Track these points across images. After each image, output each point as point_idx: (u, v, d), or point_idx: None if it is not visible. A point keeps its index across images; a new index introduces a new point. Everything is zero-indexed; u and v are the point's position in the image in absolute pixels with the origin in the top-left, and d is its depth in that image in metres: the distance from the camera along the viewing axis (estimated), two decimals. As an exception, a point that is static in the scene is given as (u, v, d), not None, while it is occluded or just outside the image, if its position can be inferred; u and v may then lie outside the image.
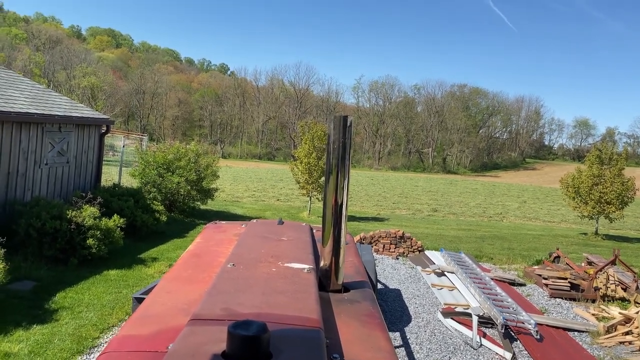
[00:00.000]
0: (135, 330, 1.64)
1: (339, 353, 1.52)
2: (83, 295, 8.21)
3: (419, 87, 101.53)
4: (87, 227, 9.50)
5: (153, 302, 1.91)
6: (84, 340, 6.65)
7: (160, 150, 16.24)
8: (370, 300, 2.09)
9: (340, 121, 1.96)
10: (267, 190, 31.68)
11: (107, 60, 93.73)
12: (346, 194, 2.04)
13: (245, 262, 2.25)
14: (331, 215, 2.02)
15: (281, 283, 1.99)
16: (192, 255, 2.68)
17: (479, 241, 17.43)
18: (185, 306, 1.85)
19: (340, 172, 1.98)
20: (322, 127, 20.31)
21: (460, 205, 32.23)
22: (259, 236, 2.89)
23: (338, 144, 1.98)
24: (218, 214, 18.38)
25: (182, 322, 1.64)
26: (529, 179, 76.44)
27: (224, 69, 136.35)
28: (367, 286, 2.25)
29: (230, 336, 1.29)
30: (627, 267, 11.15)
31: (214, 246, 2.85)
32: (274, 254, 2.45)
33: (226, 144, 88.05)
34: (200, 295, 1.93)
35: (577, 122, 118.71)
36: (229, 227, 3.43)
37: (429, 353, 7.36)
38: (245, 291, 1.85)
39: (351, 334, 1.70)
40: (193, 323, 1.53)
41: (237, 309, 1.65)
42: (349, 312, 1.90)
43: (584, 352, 7.80)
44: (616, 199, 19.21)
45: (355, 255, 2.70)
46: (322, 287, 2.06)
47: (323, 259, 2.10)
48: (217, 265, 2.37)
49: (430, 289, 10.62)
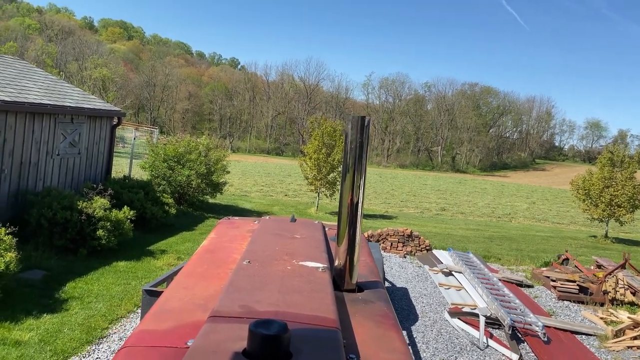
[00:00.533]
0: (153, 325, 1.66)
1: (355, 353, 1.53)
2: (92, 285, 8.28)
3: (430, 85, 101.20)
4: (98, 218, 9.57)
5: (170, 297, 1.92)
6: (94, 330, 6.72)
7: (170, 143, 16.31)
8: (384, 300, 2.09)
9: (358, 121, 1.97)
10: (275, 185, 31.74)
11: (118, 52, 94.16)
12: (362, 194, 2.05)
13: (260, 259, 2.27)
14: (347, 214, 2.02)
15: (297, 281, 2.00)
16: (207, 251, 2.70)
17: (487, 241, 17.37)
18: (202, 302, 1.87)
19: (357, 172, 1.99)
20: (332, 123, 20.28)
21: (469, 205, 32.11)
22: (272, 233, 2.90)
23: (355, 144, 1.98)
24: (226, 208, 18.45)
25: (199, 318, 1.65)
26: (538, 179, 76.00)
27: (235, 63, 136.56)
28: (380, 286, 2.26)
29: (252, 334, 1.30)
30: (637, 271, 11.07)
31: (228, 242, 2.87)
32: (288, 251, 2.46)
33: (235, 138, 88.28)
34: (216, 291, 1.95)
35: (589, 123, 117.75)
36: (241, 224, 3.45)
37: (435, 352, 7.36)
38: (262, 289, 1.87)
39: (366, 334, 1.70)
40: (213, 320, 1.54)
41: (255, 306, 1.67)
42: (363, 312, 1.90)
43: (591, 355, 7.76)
44: (627, 202, 19.04)
45: (368, 255, 2.71)
46: (336, 287, 2.08)
47: (338, 258, 2.11)
48: (232, 262, 2.39)
49: (437, 288, 10.61)
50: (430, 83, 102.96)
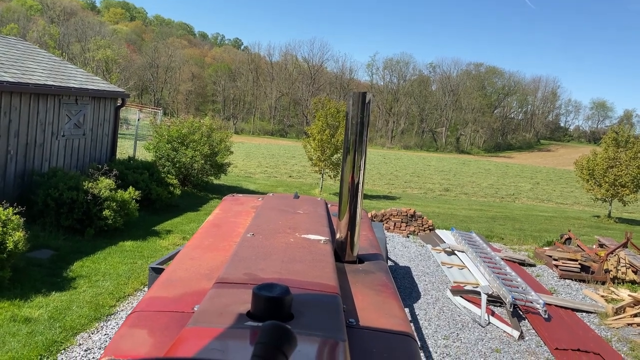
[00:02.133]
0: (161, 292, 1.73)
1: (355, 318, 1.59)
2: (99, 264, 8.41)
3: (434, 66, 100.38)
4: (103, 199, 9.67)
5: (177, 268, 2.00)
6: (101, 307, 6.85)
7: (174, 124, 16.34)
8: (384, 271, 2.16)
9: (359, 98, 2.01)
10: (279, 166, 31.80)
11: (121, 33, 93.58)
12: (363, 169, 2.10)
13: (264, 232, 2.33)
14: (348, 189, 2.08)
15: (299, 252, 2.06)
16: (212, 225, 2.78)
17: (490, 221, 17.44)
18: (208, 272, 1.94)
19: (357, 148, 2.04)
20: (336, 104, 20.23)
21: (473, 186, 32.13)
22: (276, 209, 2.97)
23: (356, 120, 2.02)
24: (231, 189, 18.54)
25: (205, 287, 1.72)
26: (542, 160, 75.76)
27: (238, 44, 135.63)
28: (380, 258, 2.32)
29: (255, 297, 1.36)
30: (639, 249, 11.13)
31: (233, 217, 2.94)
32: (291, 225, 2.52)
33: (239, 120, 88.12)
34: (221, 263, 2.02)
35: (595, 103, 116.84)
36: (246, 200, 3.52)
37: (437, 329, 7.48)
38: (265, 259, 1.93)
39: (366, 301, 1.77)
40: (219, 286, 1.61)
41: (259, 274, 1.73)
42: (363, 282, 1.97)
43: (591, 332, 7.87)
44: (631, 182, 19.03)
45: (369, 230, 2.77)
46: (337, 258, 2.14)
47: (339, 232, 2.17)
48: (237, 235, 2.46)
49: (440, 267, 10.71)
50: (435, 63, 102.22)
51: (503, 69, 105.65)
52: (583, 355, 6.91)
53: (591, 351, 6.99)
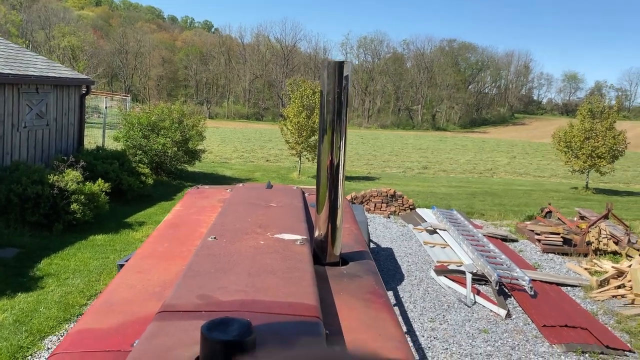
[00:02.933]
0: (95, 322, 1.37)
1: (341, 345, 1.28)
2: (69, 261, 8.01)
3: (408, 43, 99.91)
4: (71, 192, 9.21)
5: (119, 285, 1.62)
6: (71, 307, 6.49)
7: (144, 111, 15.77)
8: (372, 274, 1.84)
9: (335, 68, 1.65)
10: (256, 150, 31.30)
11: (87, 19, 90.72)
12: (343, 154, 1.77)
13: (228, 234, 1.98)
14: (326, 178, 1.75)
15: (270, 259, 1.73)
16: (170, 225, 2.38)
17: (470, 198, 17.37)
18: (159, 289, 1.58)
19: (336, 128, 1.71)
20: (311, 84, 19.80)
21: (451, 162, 32.15)
22: (245, 203, 2.61)
23: (333, 95, 1.68)
24: (206, 175, 18.10)
25: (153, 310, 1.38)
26: (517, 134, 76.51)
27: (208, 26, 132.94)
28: (367, 257, 2.01)
29: (205, 340, 1.03)
30: (619, 220, 11.13)
31: (195, 214, 2.57)
32: (261, 223, 2.18)
33: (213, 104, 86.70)
34: (176, 274, 1.67)
35: (566, 76, 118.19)
36: (212, 192, 3.13)
37: (422, 311, 7.31)
38: (227, 271, 1.58)
39: (354, 317, 1.46)
40: (162, 317, 1.25)
41: (217, 295, 1.38)
42: (349, 290, 1.65)
43: (577, 306, 7.79)
44: (607, 153, 19.14)
45: (352, 222, 2.44)
46: (317, 260, 1.82)
47: (318, 228, 1.84)
48: (198, 237, 2.10)
49: (422, 247, 10.55)
50: (409, 40, 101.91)
51: (476, 44, 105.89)
52: (571, 330, 6.81)
53: (579, 326, 6.90)
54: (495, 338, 6.58)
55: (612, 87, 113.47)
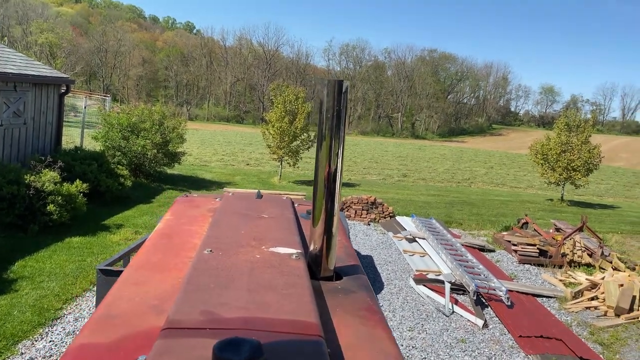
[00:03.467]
0: (95, 336, 1.35)
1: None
2: (44, 264, 7.85)
3: (390, 51, 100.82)
4: (48, 193, 9.04)
5: (117, 297, 1.60)
6: (46, 311, 6.36)
7: (124, 112, 15.57)
8: (366, 289, 1.85)
9: (335, 87, 1.68)
10: (236, 154, 31.14)
11: (66, 15, 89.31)
12: (340, 170, 1.79)
13: (224, 246, 1.97)
14: (323, 193, 1.76)
15: (268, 274, 1.73)
16: (162, 235, 2.36)
17: (448, 207, 17.56)
18: (157, 302, 1.57)
19: (333, 143, 1.73)
20: (294, 90, 19.81)
21: (429, 171, 32.46)
22: (236, 213, 2.60)
23: (332, 112, 1.70)
24: (185, 178, 17.94)
25: (153, 324, 1.37)
26: (495, 144, 77.65)
27: (190, 28, 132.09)
28: (360, 271, 2.02)
29: None
30: (594, 233, 11.37)
31: (187, 224, 2.54)
32: (255, 235, 2.17)
33: (193, 106, 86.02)
34: (173, 287, 1.66)
35: (543, 88, 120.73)
36: (202, 201, 3.11)
37: (402, 320, 7.35)
38: (227, 286, 1.58)
39: (351, 335, 1.47)
40: (167, 334, 1.24)
41: (220, 312, 1.38)
42: (345, 306, 1.66)
43: (552, 317, 7.93)
44: (582, 166, 19.56)
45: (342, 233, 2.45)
46: (311, 274, 1.82)
47: (313, 242, 1.84)
48: (191, 248, 2.09)
49: (401, 255, 10.62)
50: (390, 49, 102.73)
51: (456, 55, 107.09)
52: (546, 341, 6.93)
53: (553, 337, 7.03)
54: (472, 348, 6.66)
55: (587, 101, 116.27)
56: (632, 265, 10.66)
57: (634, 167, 54.63)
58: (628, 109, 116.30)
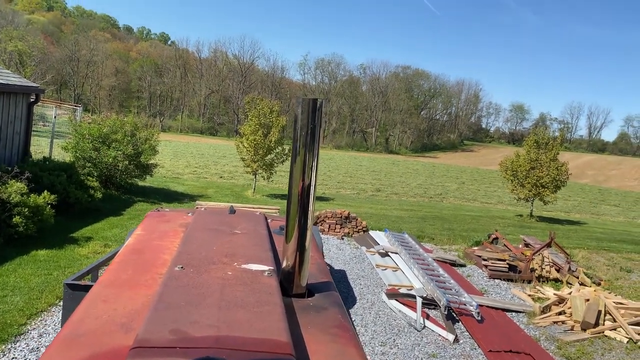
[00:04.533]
0: (61, 356, 1.31)
1: None
2: (8, 277, 7.61)
3: (365, 67, 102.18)
4: (13, 204, 8.80)
5: (85, 315, 1.55)
6: (9, 327, 6.15)
7: (95, 122, 15.33)
8: (338, 306, 1.85)
9: (309, 105, 1.69)
10: (209, 166, 30.90)
11: (37, 23, 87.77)
12: (314, 188, 1.80)
13: (195, 263, 1.94)
14: (296, 210, 1.77)
15: (240, 292, 1.71)
16: (132, 251, 2.30)
17: (420, 221, 17.73)
18: (125, 320, 1.53)
19: (307, 160, 1.74)
20: (269, 103, 19.84)
21: (403, 186, 32.78)
22: (208, 229, 2.56)
23: (307, 129, 1.71)
24: (157, 191, 17.69)
25: (122, 343, 1.33)
26: (466, 160, 78.98)
27: (165, 39, 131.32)
28: (332, 288, 2.01)
29: None
30: (561, 249, 11.62)
31: (157, 239, 2.49)
32: (228, 252, 2.15)
33: (166, 117, 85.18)
34: (143, 305, 1.63)
35: (513, 106, 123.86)
36: (173, 216, 3.05)
37: (374, 335, 7.35)
38: (198, 304, 1.55)
39: (323, 353, 1.46)
40: (136, 354, 1.21)
41: (190, 331, 1.36)
42: (316, 324, 1.65)
43: (521, 332, 8.04)
44: (551, 183, 20.04)
45: (315, 250, 2.43)
46: (283, 291, 1.81)
47: (286, 259, 1.83)
48: (162, 264, 2.05)
49: (374, 269, 10.65)
50: (365, 65, 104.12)
51: (429, 72, 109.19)
52: (515, 356, 7.02)
53: (522, 351, 7.12)
54: (443, 363, 6.69)
55: (555, 119, 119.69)
56: (598, 280, 10.93)
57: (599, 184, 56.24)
58: (594, 127, 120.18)
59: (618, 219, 28.64)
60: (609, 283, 11.13)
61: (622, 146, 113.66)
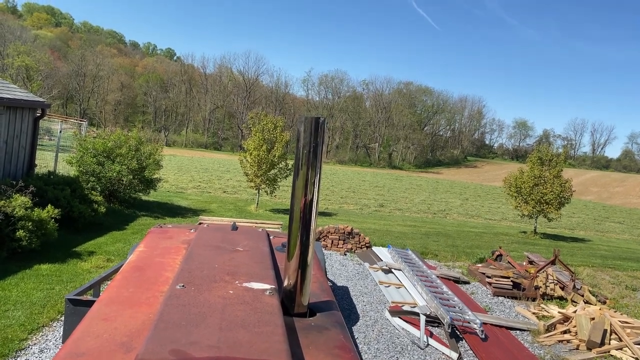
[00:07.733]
0: None
1: None
2: (10, 291, 7.60)
3: (368, 83, 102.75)
4: (18, 218, 8.82)
5: (85, 334, 1.54)
6: (10, 342, 6.12)
7: (100, 137, 15.41)
8: (340, 326, 1.83)
9: (312, 123, 1.70)
10: (213, 181, 30.95)
11: (45, 39, 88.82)
12: (316, 204, 1.80)
13: (197, 281, 1.93)
14: (298, 225, 1.76)
15: (241, 311, 1.69)
16: (134, 268, 2.28)
17: (424, 238, 17.66)
18: (126, 339, 1.51)
19: (309, 177, 1.74)
20: (272, 119, 19.93)
21: (406, 201, 32.72)
22: (211, 246, 2.55)
23: (309, 147, 1.72)
24: (161, 205, 17.71)
25: None
26: (469, 176, 78.88)
27: (170, 54, 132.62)
28: (334, 307, 2.00)
29: None
30: (566, 266, 11.53)
31: (159, 256, 2.48)
32: (229, 270, 2.13)
33: (171, 132, 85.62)
34: (143, 323, 1.62)
35: (517, 122, 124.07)
36: (175, 233, 3.04)
37: (377, 353, 7.28)
38: (199, 324, 1.54)
39: None
40: None
41: (189, 350, 1.34)
42: (318, 344, 1.63)
43: (525, 351, 7.95)
44: (555, 200, 19.97)
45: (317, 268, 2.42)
46: (285, 310, 1.80)
47: (287, 278, 1.82)
48: (163, 282, 2.04)
49: (377, 286, 10.58)
50: (368, 81, 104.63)
51: (432, 88, 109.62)
52: (520, 375, 6.93)
53: (527, 371, 7.03)
54: (447, 382, 6.61)
55: (559, 136, 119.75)
56: (603, 298, 10.83)
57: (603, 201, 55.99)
58: (598, 144, 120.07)
59: (623, 236, 28.47)
60: (614, 301, 11.03)
61: (626, 163, 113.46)
